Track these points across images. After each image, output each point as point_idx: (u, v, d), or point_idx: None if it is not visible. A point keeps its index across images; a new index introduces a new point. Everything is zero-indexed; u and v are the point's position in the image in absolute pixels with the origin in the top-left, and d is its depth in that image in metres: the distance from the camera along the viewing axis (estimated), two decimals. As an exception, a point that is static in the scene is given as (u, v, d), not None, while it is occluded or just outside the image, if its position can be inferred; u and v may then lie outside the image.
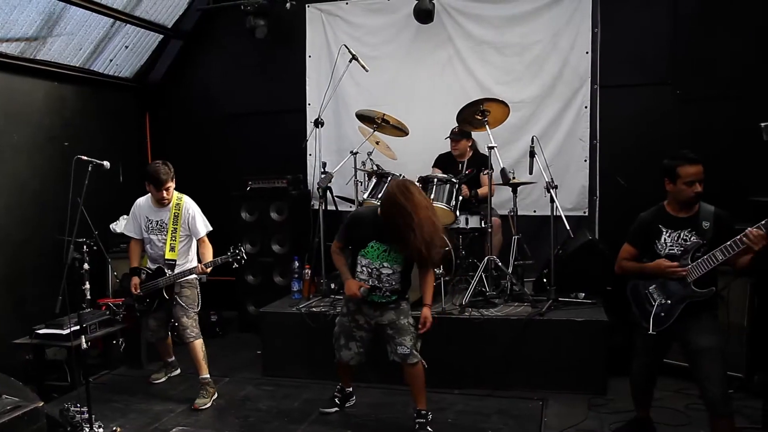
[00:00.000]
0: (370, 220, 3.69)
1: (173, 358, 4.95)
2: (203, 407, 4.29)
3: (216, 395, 4.45)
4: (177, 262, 4.43)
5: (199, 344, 4.43)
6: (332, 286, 5.20)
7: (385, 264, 3.69)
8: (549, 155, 5.36)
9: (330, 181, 5.16)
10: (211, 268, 4.33)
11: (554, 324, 4.39)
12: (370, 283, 3.72)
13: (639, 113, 5.60)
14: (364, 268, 3.73)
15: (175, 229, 4.39)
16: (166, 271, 4.40)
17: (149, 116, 7.07)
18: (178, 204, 4.42)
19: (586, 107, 5.67)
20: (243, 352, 5.49)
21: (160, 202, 4.39)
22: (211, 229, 4.53)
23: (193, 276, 4.48)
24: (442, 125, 5.50)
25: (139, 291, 4.46)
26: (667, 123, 5.48)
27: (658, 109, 5.54)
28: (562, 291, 4.73)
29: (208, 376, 4.44)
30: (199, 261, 4.51)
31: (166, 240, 4.39)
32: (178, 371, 4.98)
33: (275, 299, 5.35)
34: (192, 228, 4.43)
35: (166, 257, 4.41)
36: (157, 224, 4.44)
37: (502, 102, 4.87)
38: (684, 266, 3.17)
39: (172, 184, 4.36)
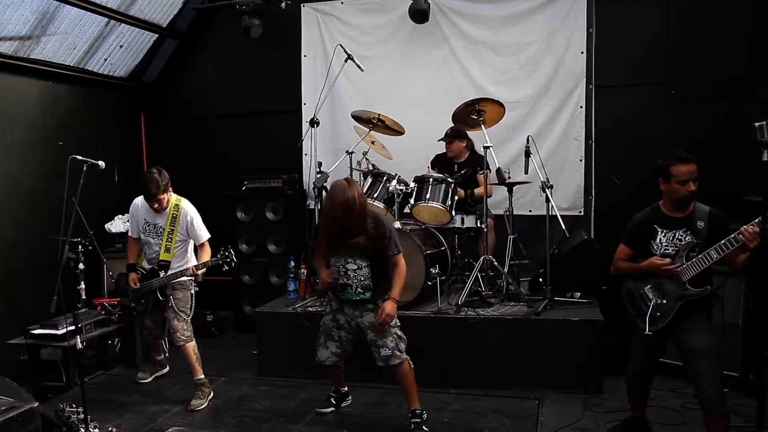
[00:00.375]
0: None
1: (162, 357, 4.94)
2: (199, 408, 4.28)
3: (212, 395, 4.44)
4: (172, 264, 4.41)
5: (191, 347, 4.41)
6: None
7: (349, 260, 3.72)
8: (544, 155, 5.47)
9: (326, 181, 5.14)
10: (202, 270, 4.32)
11: (550, 323, 4.39)
12: (341, 280, 3.76)
13: (634, 113, 5.63)
14: (334, 267, 3.79)
15: (172, 230, 4.36)
16: (159, 272, 4.39)
17: (144, 116, 7.05)
18: (177, 205, 4.39)
19: (581, 107, 5.69)
20: (239, 352, 5.48)
21: (155, 210, 4.37)
22: (210, 236, 4.49)
23: (187, 278, 4.46)
24: (437, 125, 5.49)
25: (138, 285, 4.45)
26: (661, 123, 5.51)
27: (652, 109, 5.58)
28: (557, 290, 4.73)
29: (203, 377, 4.42)
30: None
31: (162, 242, 4.37)
32: (166, 370, 4.96)
33: (271, 299, 5.33)
34: (191, 233, 4.41)
35: (161, 258, 4.39)
36: (154, 227, 4.43)
37: (498, 102, 4.87)
38: (678, 265, 3.19)
39: (165, 196, 4.30)
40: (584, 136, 5.70)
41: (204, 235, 4.43)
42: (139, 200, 4.51)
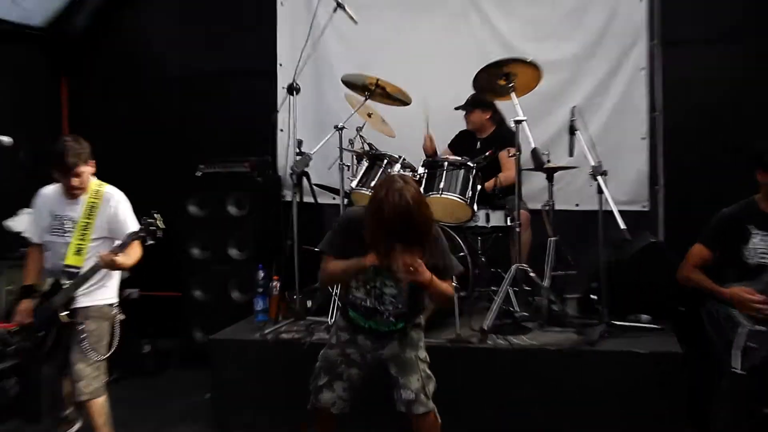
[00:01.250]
0: None
1: (70, 410, 4.37)
2: None
3: None
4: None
5: (99, 404, 3.93)
6: (308, 304, 5.00)
7: (387, 281, 3.43)
8: (595, 132, 5.26)
9: (307, 165, 4.98)
10: (122, 259, 3.81)
11: (609, 357, 4.16)
12: (369, 304, 3.48)
13: (713, 77, 5.59)
14: (361, 286, 3.48)
15: (87, 224, 3.95)
16: (62, 283, 3.92)
17: (66, 78, 6.97)
18: (97, 191, 4.00)
19: (642, 69, 5.68)
20: (185, 396, 5.20)
21: (72, 193, 3.98)
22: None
23: (105, 303, 4.03)
24: (453, 93, 5.48)
25: (28, 321, 3.97)
26: (750, 90, 5.44)
27: (737, 72, 5.54)
28: (617, 312, 4.52)
29: None
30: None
31: (71, 241, 3.95)
32: (77, 426, 4.42)
33: (231, 322, 5.09)
34: (115, 228, 3.97)
35: (66, 263, 3.93)
36: (62, 222, 4.02)
37: (532, 63, 4.72)
38: None
39: (86, 168, 3.93)
40: (647, 108, 5.68)
41: (132, 227, 3.97)
42: (48, 189, 4.13)
